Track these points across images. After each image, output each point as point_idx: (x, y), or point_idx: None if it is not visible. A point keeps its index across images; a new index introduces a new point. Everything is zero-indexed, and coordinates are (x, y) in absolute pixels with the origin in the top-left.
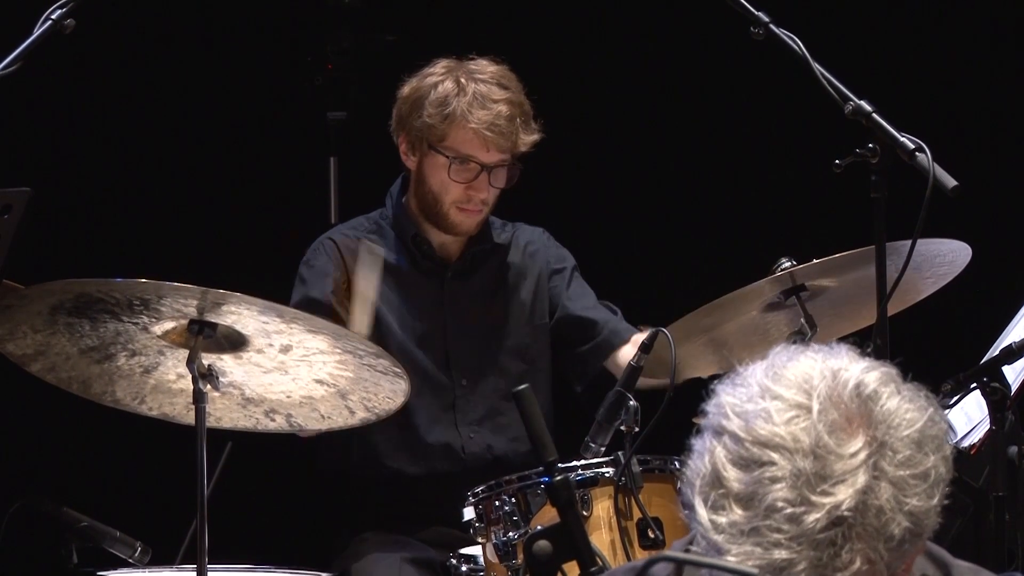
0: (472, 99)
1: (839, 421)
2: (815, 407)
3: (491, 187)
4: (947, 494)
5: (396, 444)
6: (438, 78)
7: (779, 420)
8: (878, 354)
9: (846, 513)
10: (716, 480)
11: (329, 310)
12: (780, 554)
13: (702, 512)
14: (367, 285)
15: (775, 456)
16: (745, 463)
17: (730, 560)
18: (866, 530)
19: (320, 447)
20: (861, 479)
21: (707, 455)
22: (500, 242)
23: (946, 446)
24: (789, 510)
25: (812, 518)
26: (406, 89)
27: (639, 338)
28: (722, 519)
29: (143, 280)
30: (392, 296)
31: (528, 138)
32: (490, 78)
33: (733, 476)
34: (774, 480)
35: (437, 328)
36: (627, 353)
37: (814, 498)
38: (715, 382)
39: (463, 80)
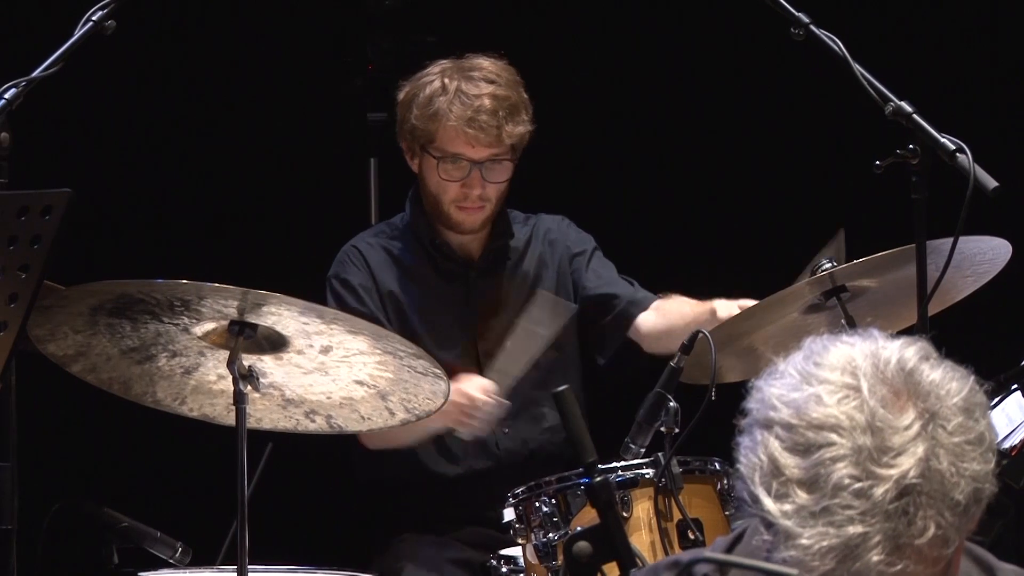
0: (453, 96)
1: (889, 396)
2: (864, 385)
3: (487, 183)
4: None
5: (432, 444)
6: (429, 79)
7: (830, 402)
8: None
9: (913, 481)
10: (775, 470)
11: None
12: (854, 529)
13: (767, 502)
14: (532, 341)
15: (832, 436)
16: (802, 448)
17: (804, 543)
18: (933, 497)
19: (357, 452)
20: (920, 448)
21: (760, 448)
22: (521, 235)
23: (989, 413)
24: (856, 485)
25: (881, 490)
26: (401, 93)
27: (660, 304)
28: (788, 506)
29: (184, 281)
30: (418, 300)
31: (514, 129)
32: (479, 74)
33: (792, 463)
34: (835, 460)
35: (465, 327)
36: (647, 320)
37: (879, 471)
38: (753, 380)
39: (448, 79)
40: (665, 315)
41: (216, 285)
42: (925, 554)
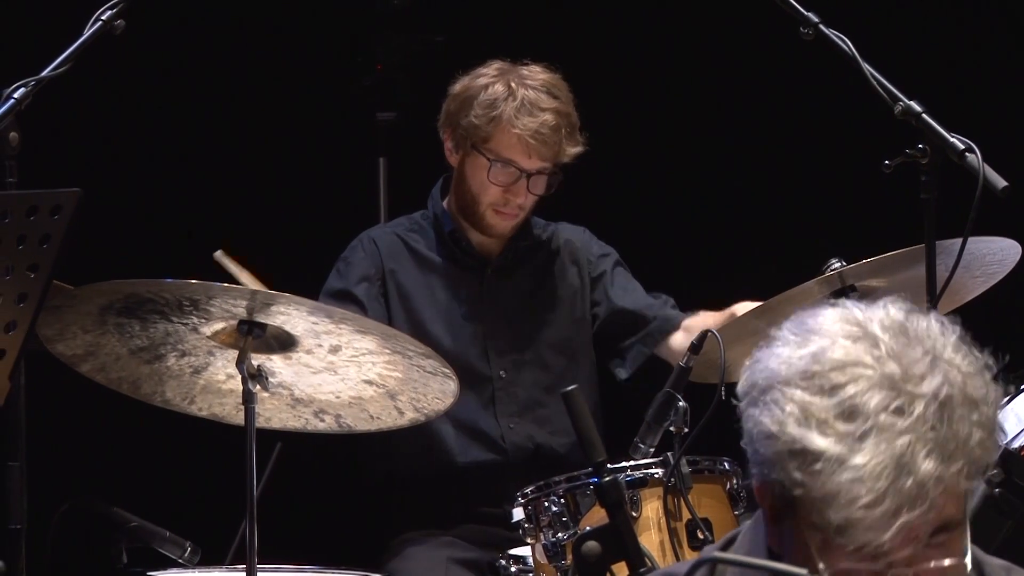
0: (520, 104)
1: (897, 335)
2: (872, 328)
3: (529, 193)
4: (995, 496)
5: (438, 437)
6: (489, 79)
7: (846, 344)
8: None
9: (947, 391)
10: (806, 414)
11: (354, 301)
12: (903, 440)
13: (811, 436)
14: None
15: (859, 370)
16: (830, 389)
17: (858, 462)
18: (968, 408)
19: (361, 447)
20: (939, 374)
21: (782, 403)
22: (540, 240)
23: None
24: (895, 404)
25: (919, 405)
26: (457, 86)
27: (688, 322)
28: (831, 438)
29: (193, 281)
30: (431, 292)
31: (571, 149)
32: (540, 85)
33: (824, 404)
34: (868, 389)
35: (476, 322)
36: (678, 340)
37: (912, 389)
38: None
39: (513, 84)
40: (694, 333)
41: (225, 285)
42: (976, 457)
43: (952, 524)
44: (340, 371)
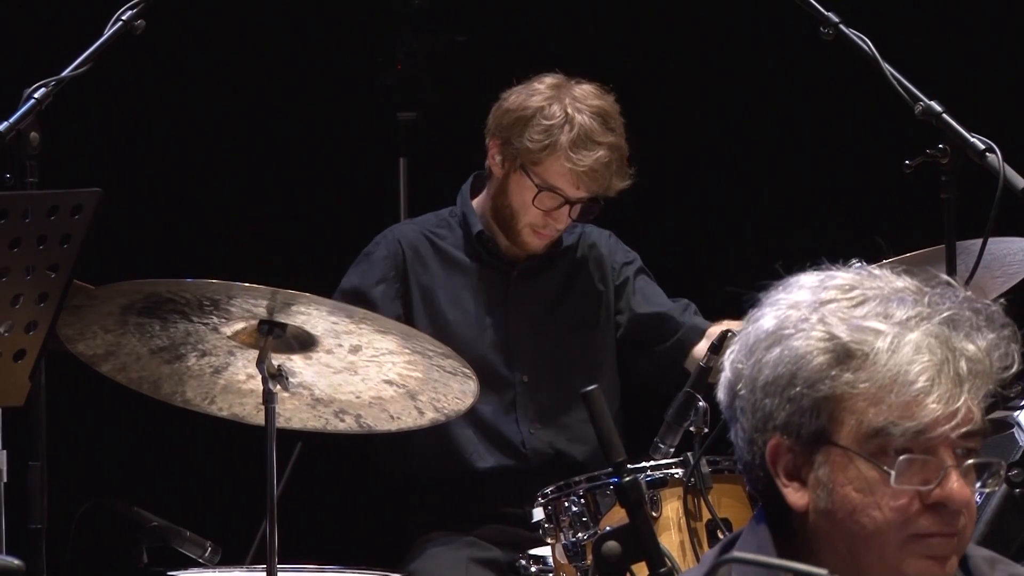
0: (577, 136)
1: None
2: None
3: (570, 219)
4: (1016, 496)
5: (459, 441)
6: (544, 99)
7: (842, 274)
8: None
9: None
10: (847, 320)
11: (368, 303)
12: (944, 325)
13: (861, 328)
14: None
15: (872, 289)
16: (858, 302)
17: (913, 337)
18: (978, 317)
19: (380, 449)
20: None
21: (812, 328)
22: (567, 244)
23: None
24: (925, 300)
25: (944, 304)
26: (511, 100)
27: (711, 330)
28: (884, 324)
29: (213, 280)
30: (456, 292)
31: (619, 184)
32: (596, 113)
33: (861, 312)
34: (892, 295)
35: (500, 326)
36: (701, 348)
37: (931, 292)
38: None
39: (570, 110)
40: None
41: (245, 285)
42: (997, 361)
43: (977, 429)
44: (360, 371)
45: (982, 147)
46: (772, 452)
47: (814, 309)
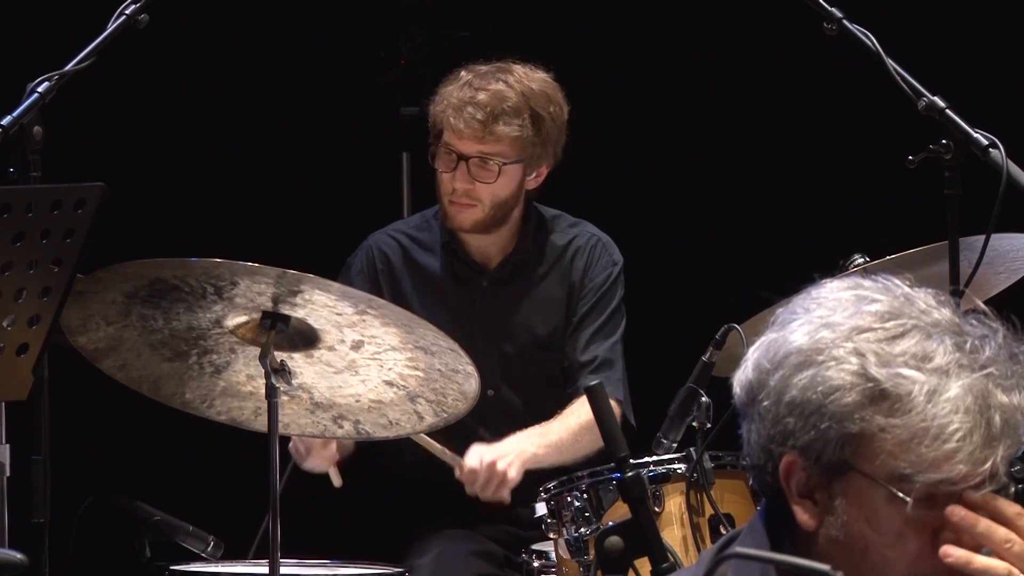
0: (461, 86)
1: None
2: (892, 288)
3: (477, 182)
4: (1017, 492)
5: (456, 440)
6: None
7: (881, 298)
8: None
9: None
10: (885, 359)
11: None
12: (981, 375)
13: (900, 374)
14: None
15: (911, 321)
16: (897, 336)
17: (952, 392)
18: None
19: (380, 447)
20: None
21: (847, 359)
22: (551, 249)
23: None
24: (967, 344)
25: (986, 345)
26: None
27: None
28: (922, 373)
29: (218, 260)
30: (428, 304)
31: (502, 129)
32: (501, 75)
33: (898, 350)
34: (933, 333)
35: (467, 336)
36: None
37: (970, 331)
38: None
39: (474, 74)
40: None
41: (250, 264)
42: None
43: (998, 487)
44: (361, 370)
45: (985, 143)
46: (787, 467)
47: (849, 337)
